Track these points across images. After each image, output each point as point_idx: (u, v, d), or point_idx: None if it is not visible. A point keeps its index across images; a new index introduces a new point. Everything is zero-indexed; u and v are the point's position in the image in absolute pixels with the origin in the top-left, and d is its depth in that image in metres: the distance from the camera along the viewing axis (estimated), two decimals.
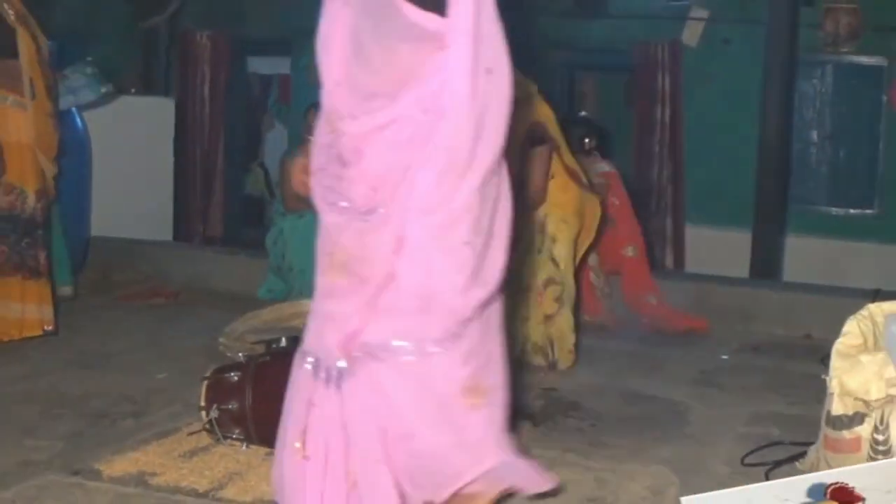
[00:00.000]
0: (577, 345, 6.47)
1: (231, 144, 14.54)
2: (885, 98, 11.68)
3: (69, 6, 14.78)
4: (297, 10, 14.49)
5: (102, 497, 4.07)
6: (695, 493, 4.27)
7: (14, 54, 6.06)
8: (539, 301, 6.35)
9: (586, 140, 7.96)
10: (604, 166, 7.89)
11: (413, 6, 2.94)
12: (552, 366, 6.35)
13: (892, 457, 4.18)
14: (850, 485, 3.88)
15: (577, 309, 6.66)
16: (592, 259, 7.57)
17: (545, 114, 6.37)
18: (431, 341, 3.03)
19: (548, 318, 6.32)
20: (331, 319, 3.10)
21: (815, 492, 3.88)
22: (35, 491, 4.13)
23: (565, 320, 6.38)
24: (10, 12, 6.07)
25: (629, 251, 7.84)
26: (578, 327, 6.63)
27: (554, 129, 6.38)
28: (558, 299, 6.34)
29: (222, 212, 13.93)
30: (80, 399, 5.47)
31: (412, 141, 2.96)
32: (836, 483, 3.87)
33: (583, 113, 10.04)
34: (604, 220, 7.04)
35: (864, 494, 3.87)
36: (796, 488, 3.80)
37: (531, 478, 3.33)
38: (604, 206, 7.54)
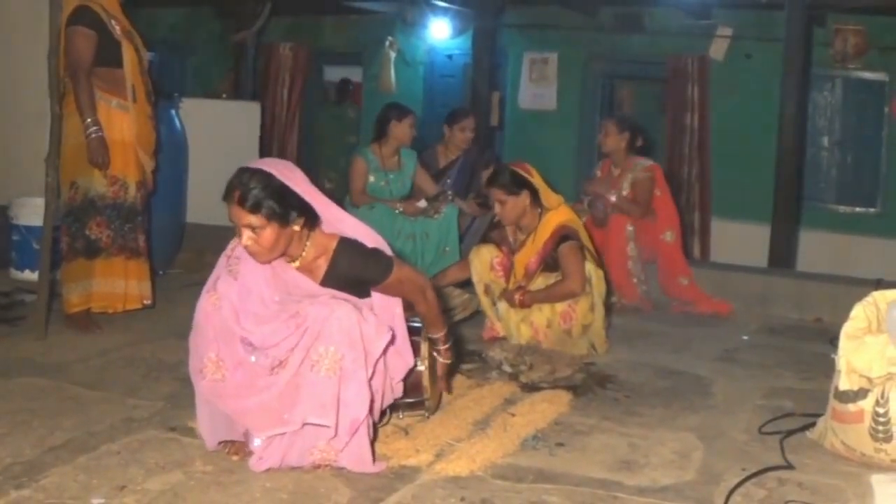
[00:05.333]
0: (608, 328, 6.39)
1: (309, 142, 14.70)
2: (887, 109, 11.61)
3: (170, 23, 14.93)
4: (368, 26, 14.61)
5: (195, 451, 4.09)
6: (717, 456, 4.28)
7: (119, 64, 6.07)
8: (573, 317, 6.03)
9: (640, 138, 7.92)
10: (646, 161, 7.83)
11: None
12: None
13: (891, 427, 4.16)
14: None
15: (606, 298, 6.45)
16: (631, 249, 7.52)
17: (569, 217, 6.23)
18: None
19: (586, 327, 6.10)
20: None
21: None
22: (137, 444, 4.16)
23: (599, 320, 6.15)
24: (117, 27, 6.09)
25: (668, 236, 7.77)
26: (609, 314, 6.55)
27: (580, 228, 6.19)
28: (592, 307, 6.19)
29: None
30: (176, 364, 5.50)
31: None
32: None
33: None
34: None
35: None
36: None
37: None
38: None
